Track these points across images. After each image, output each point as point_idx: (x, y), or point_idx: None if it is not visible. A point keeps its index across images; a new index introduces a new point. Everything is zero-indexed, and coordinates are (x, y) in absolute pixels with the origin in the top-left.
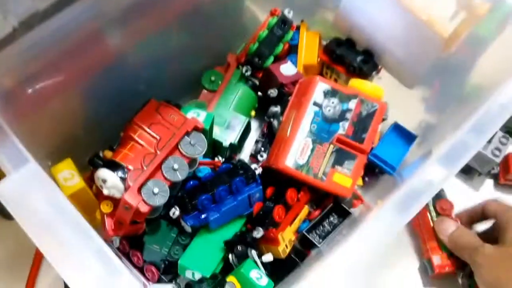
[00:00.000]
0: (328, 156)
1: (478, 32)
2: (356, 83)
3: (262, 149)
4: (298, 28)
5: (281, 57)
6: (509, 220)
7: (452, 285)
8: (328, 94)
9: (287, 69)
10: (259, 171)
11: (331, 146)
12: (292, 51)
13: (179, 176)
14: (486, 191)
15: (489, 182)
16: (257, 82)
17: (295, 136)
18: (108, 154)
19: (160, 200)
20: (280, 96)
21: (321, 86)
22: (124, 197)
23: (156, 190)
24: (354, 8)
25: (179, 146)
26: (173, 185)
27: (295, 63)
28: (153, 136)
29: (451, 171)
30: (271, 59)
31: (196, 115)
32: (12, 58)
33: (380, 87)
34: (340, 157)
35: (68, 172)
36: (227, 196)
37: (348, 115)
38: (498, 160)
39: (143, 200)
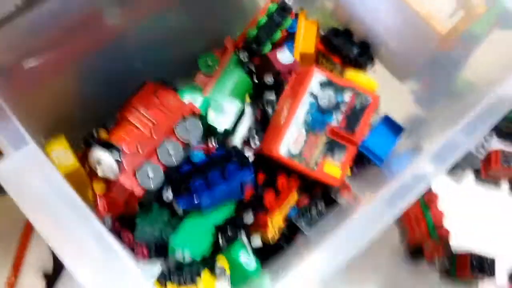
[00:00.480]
0: (320, 146)
1: (472, 30)
2: (352, 75)
3: (256, 135)
4: (297, 15)
5: (279, 44)
6: None
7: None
8: (324, 85)
9: (284, 57)
10: (252, 157)
11: (324, 137)
12: (289, 38)
13: (174, 161)
14: (468, 184)
15: (471, 176)
16: (253, 68)
17: (289, 124)
18: (103, 134)
19: (154, 184)
20: (276, 84)
21: (317, 76)
22: (120, 180)
23: (151, 173)
24: None
25: (175, 131)
26: (167, 169)
27: (292, 51)
28: (149, 120)
29: (442, 168)
30: (269, 45)
31: (193, 99)
32: (12, 35)
33: (374, 80)
34: (332, 148)
35: (62, 150)
36: (220, 181)
37: (343, 107)
38: (481, 156)
39: (138, 183)
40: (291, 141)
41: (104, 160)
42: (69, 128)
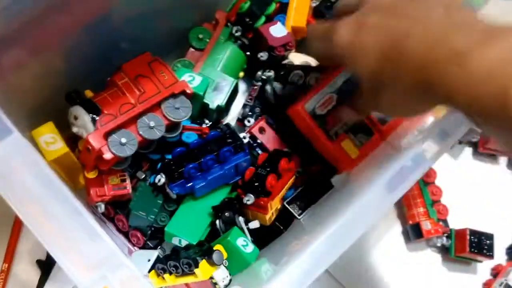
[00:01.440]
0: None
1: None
2: None
3: (250, 113)
4: None
5: (272, 17)
6: None
7: (433, 248)
8: None
9: (277, 30)
10: (247, 139)
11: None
12: (281, 10)
13: (153, 135)
14: (465, 159)
15: (468, 150)
16: (246, 42)
17: (324, 86)
18: (89, 94)
19: (125, 151)
20: (271, 60)
21: None
22: (88, 137)
23: (123, 140)
24: None
25: (161, 106)
26: (145, 142)
27: (283, 23)
28: (137, 88)
29: (444, 147)
30: (263, 19)
31: (191, 79)
32: None
33: None
34: (357, 127)
35: (50, 136)
36: (214, 164)
37: None
38: (480, 129)
39: (108, 147)
40: (320, 101)
41: (80, 117)
42: (55, 111)
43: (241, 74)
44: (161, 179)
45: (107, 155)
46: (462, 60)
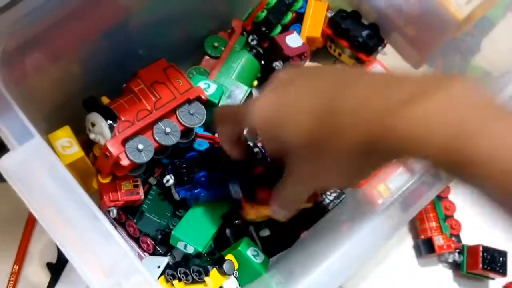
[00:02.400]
0: None
1: (489, 15)
2: None
3: None
4: None
5: (288, 26)
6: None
7: (445, 264)
8: None
9: (293, 40)
10: (260, 153)
11: None
12: (297, 19)
13: (169, 141)
14: None
15: None
16: (261, 51)
17: None
18: (105, 100)
19: (142, 158)
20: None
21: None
22: (106, 144)
23: (141, 146)
24: None
25: (176, 112)
26: (161, 148)
27: (299, 33)
28: (153, 94)
29: None
30: (279, 28)
31: (207, 86)
32: (13, 22)
33: None
34: None
35: (66, 140)
36: (223, 175)
37: None
38: None
39: (125, 153)
40: None
41: (98, 124)
42: (72, 115)
43: (255, 82)
44: (169, 180)
45: (125, 162)
46: (398, 113)
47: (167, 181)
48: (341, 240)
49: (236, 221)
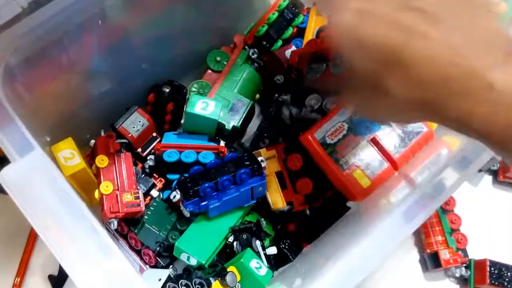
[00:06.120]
0: (357, 149)
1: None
2: None
3: (266, 134)
4: (309, 11)
5: (289, 41)
6: None
7: (452, 279)
8: None
9: None
10: (264, 164)
11: (365, 142)
12: (298, 34)
13: None
14: (485, 187)
15: (488, 178)
16: (262, 64)
17: (334, 115)
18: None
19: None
20: (287, 83)
21: None
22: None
23: None
24: None
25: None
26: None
27: (300, 47)
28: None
29: (465, 175)
30: (279, 42)
31: (205, 105)
32: (15, 38)
33: None
34: (369, 157)
35: (69, 151)
36: (230, 186)
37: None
38: (499, 158)
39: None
40: (330, 130)
41: None
42: (75, 127)
43: (257, 96)
44: (176, 195)
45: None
46: (482, 82)
47: (174, 196)
48: (343, 253)
49: (243, 235)
